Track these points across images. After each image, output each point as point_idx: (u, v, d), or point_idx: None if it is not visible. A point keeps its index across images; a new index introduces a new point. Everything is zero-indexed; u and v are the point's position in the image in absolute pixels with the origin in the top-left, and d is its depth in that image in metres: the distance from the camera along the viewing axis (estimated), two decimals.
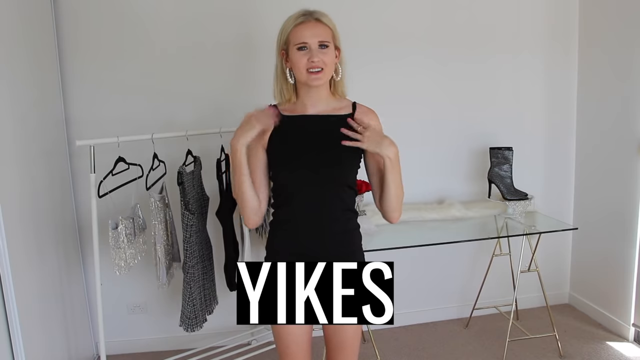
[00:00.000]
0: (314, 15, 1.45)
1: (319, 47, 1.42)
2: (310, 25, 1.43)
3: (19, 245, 1.93)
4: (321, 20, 1.45)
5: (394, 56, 2.71)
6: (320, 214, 1.49)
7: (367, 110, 1.55)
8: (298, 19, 1.44)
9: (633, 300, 2.64)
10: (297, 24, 1.44)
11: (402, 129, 2.73)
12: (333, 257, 1.45)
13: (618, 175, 2.69)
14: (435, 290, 2.97)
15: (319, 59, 1.41)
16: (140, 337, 2.73)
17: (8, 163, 1.90)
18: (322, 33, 1.43)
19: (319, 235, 1.50)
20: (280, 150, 1.49)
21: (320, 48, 1.42)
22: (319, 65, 1.42)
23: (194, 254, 2.17)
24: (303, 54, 1.42)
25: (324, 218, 1.49)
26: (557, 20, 2.88)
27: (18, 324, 1.86)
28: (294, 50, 1.43)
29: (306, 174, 1.47)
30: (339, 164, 1.48)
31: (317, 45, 1.42)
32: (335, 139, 1.46)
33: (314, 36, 1.42)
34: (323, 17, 1.46)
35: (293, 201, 1.50)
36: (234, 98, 2.58)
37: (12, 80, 1.98)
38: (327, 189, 1.48)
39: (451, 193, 2.87)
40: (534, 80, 2.91)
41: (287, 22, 1.47)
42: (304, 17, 1.44)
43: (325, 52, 1.43)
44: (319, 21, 1.44)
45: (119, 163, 2.06)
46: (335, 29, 1.48)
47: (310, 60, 1.41)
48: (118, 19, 2.47)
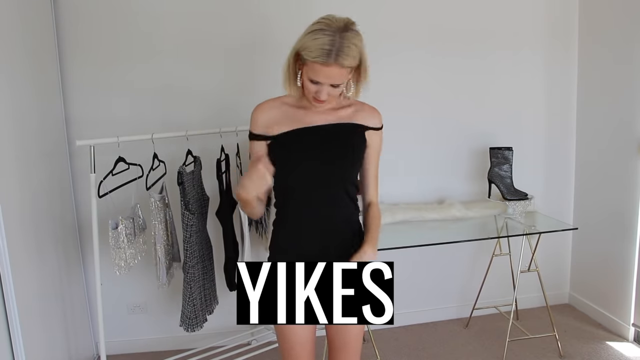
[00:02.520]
0: (339, 59, 1.32)
1: (330, 85, 1.38)
2: (330, 70, 1.34)
3: (19, 245, 1.93)
4: (343, 65, 1.33)
5: (394, 55, 2.70)
6: (323, 213, 1.49)
7: (371, 110, 1.55)
8: (319, 58, 1.32)
9: (633, 300, 2.64)
10: (317, 62, 1.33)
11: (402, 129, 2.75)
12: (335, 257, 1.45)
13: (618, 175, 2.69)
14: (435, 290, 2.97)
15: (326, 96, 1.40)
16: (140, 337, 2.73)
17: (8, 163, 1.90)
18: (338, 78, 1.36)
19: (322, 234, 1.50)
20: (283, 151, 1.49)
21: (332, 86, 1.39)
22: (325, 99, 1.42)
23: (194, 254, 2.17)
24: (314, 85, 1.39)
25: (326, 217, 1.50)
26: (557, 18, 2.87)
27: (18, 323, 1.86)
28: (307, 77, 1.39)
29: (308, 173, 1.47)
30: (341, 161, 1.48)
31: (328, 84, 1.38)
32: (338, 138, 1.47)
33: (329, 80, 1.36)
34: (346, 60, 1.33)
35: (295, 200, 1.50)
36: (234, 98, 2.58)
37: (12, 80, 1.98)
38: (330, 187, 1.48)
39: (451, 193, 2.87)
40: (534, 79, 2.91)
41: (310, 45, 1.34)
42: (326, 59, 1.32)
43: (335, 89, 1.40)
44: (341, 66, 1.33)
45: (119, 163, 2.06)
46: (359, 59, 1.37)
47: (318, 93, 1.40)
48: (118, 19, 2.47)
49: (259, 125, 1.51)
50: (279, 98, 1.54)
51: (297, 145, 1.47)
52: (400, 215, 2.65)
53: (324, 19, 1.37)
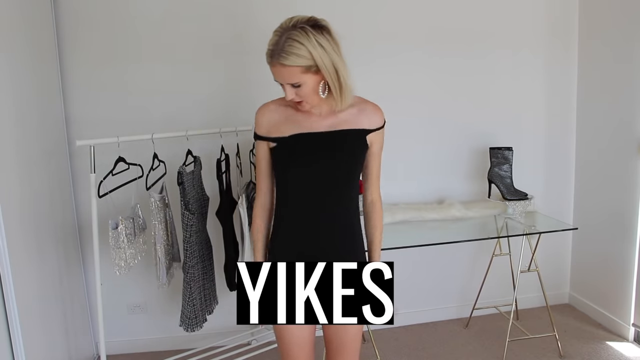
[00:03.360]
0: (279, 58, 1.32)
1: (291, 86, 1.37)
2: (276, 70, 1.35)
3: (19, 245, 1.93)
4: (284, 64, 1.32)
5: (393, 55, 2.70)
6: (321, 218, 1.48)
7: (374, 109, 1.52)
8: (267, 59, 1.36)
9: (633, 300, 2.64)
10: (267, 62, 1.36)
11: (402, 129, 2.75)
12: (335, 256, 1.45)
13: (618, 175, 2.69)
14: (435, 290, 2.97)
15: (292, 96, 1.39)
16: (140, 337, 2.73)
17: (8, 163, 1.90)
18: (287, 76, 1.35)
19: (321, 234, 1.50)
20: (283, 156, 1.48)
21: (293, 87, 1.37)
22: (295, 100, 1.40)
23: (194, 254, 2.17)
24: (283, 87, 1.40)
25: (325, 222, 1.49)
26: (557, 18, 2.88)
27: (18, 324, 1.86)
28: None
29: (308, 180, 1.46)
30: (341, 170, 1.47)
31: (289, 85, 1.37)
32: (338, 146, 1.46)
33: (282, 78, 1.36)
34: (287, 59, 1.31)
35: (294, 205, 1.50)
36: (234, 98, 2.59)
37: (13, 80, 1.98)
38: (329, 193, 1.47)
39: (451, 193, 2.87)
40: (534, 80, 2.91)
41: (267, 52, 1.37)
42: (270, 59, 1.35)
43: (298, 90, 1.37)
44: (283, 65, 1.32)
45: (119, 163, 2.06)
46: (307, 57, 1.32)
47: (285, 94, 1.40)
48: (118, 19, 2.47)
49: (262, 127, 1.51)
50: (282, 99, 1.51)
51: (297, 152, 1.46)
52: (400, 215, 2.65)
53: (285, 19, 1.37)
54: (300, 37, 1.31)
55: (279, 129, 1.48)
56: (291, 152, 1.46)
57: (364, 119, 1.50)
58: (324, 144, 1.45)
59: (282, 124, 1.48)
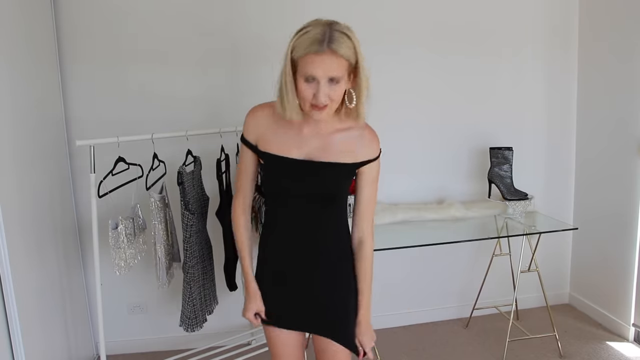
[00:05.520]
0: (332, 45, 1.22)
1: (328, 82, 1.26)
2: (324, 59, 1.23)
3: (19, 245, 1.93)
4: (337, 53, 1.23)
5: (394, 55, 2.70)
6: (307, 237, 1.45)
7: (370, 139, 1.43)
8: (312, 47, 1.22)
9: (633, 300, 2.64)
10: (310, 52, 1.23)
11: (402, 129, 2.75)
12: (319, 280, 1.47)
13: (618, 175, 2.69)
14: (435, 290, 2.97)
15: (325, 97, 1.26)
16: (140, 337, 2.73)
17: (8, 163, 1.90)
18: (335, 68, 1.24)
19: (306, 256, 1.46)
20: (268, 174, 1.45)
21: (330, 83, 1.26)
22: (324, 103, 1.28)
23: (194, 254, 2.17)
24: (309, 85, 1.27)
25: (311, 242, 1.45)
26: (557, 18, 2.88)
27: (18, 323, 1.85)
28: (302, 78, 1.27)
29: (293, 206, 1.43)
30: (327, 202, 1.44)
31: (326, 81, 1.25)
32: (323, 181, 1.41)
33: (325, 72, 1.24)
34: (341, 48, 1.23)
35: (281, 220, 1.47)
36: (234, 98, 2.58)
37: (13, 80, 1.97)
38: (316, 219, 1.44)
39: (451, 193, 2.87)
40: (534, 80, 2.91)
41: (300, 42, 1.25)
42: (318, 47, 1.22)
43: (333, 88, 1.27)
44: (335, 53, 1.23)
45: (119, 163, 2.06)
46: (354, 54, 1.27)
47: (316, 95, 1.27)
48: (118, 19, 2.47)
49: (250, 132, 1.45)
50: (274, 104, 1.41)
51: (282, 176, 1.42)
52: (400, 215, 2.65)
53: (309, 21, 1.29)
54: (349, 32, 1.26)
55: (267, 143, 1.42)
56: (279, 174, 1.42)
57: (357, 148, 1.41)
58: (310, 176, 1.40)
59: (271, 137, 1.42)
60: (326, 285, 1.47)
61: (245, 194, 1.52)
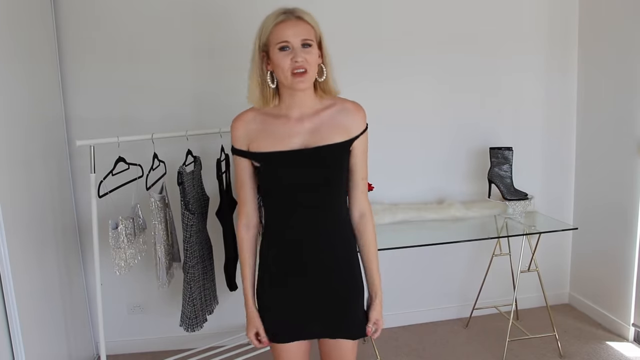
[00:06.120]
0: (295, 13, 1.37)
1: (302, 46, 1.34)
2: (292, 24, 1.34)
3: (19, 245, 1.93)
4: (303, 18, 1.36)
5: (394, 55, 2.70)
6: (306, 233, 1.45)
7: (355, 109, 1.46)
8: (278, 18, 1.36)
9: (633, 300, 2.64)
10: (278, 22, 1.35)
11: (402, 129, 2.75)
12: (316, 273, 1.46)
13: (618, 175, 2.69)
14: (435, 290, 2.97)
15: (302, 58, 1.33)
16: (140, 337, 2.73)
17: (8, 163, 1.90)
18: (304, 32, 1.35)
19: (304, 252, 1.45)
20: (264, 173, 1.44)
21: (304, 47, 1.34)
22: (303, 66, 1.33)
23: (194, 254, 2.17)
24: (285, 54, 1.34)
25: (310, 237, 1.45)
26: (557, 18, 2.87)
27: (18, 324, 1.86)
28: (276, 50, 1.35)
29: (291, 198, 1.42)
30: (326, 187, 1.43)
31: (299, 45, 1.34)
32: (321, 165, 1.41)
33: (296, 35, 1.34)
34: (305, 15, 1.37)
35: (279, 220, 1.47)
36: (234, 98, 2.56)
37: (12, 80, 1.98)
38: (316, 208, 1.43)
39: (451, 193, 2.87)
40: (534, 80, 2.91)
41: (266, 22, 1.39)
42: (284, 16, 1.36)
43: (308, 51, 1.35)
44: (301, 19, 1.36)
45: (119, 163, 2.06)
46: (318, 27, 1.39)
47: (293, 60, 1.33)
48: (118, 19, 2.47)
49: (238, 140, 1.45)
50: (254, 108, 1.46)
51: (278, 170, 1.42)
52: (400, 215, 2.65)
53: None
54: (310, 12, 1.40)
55: (259, 143, 1.42)
56: (274, 169, 1.42)
57: (345, 118, 1.44)
58: (307, 163, 1.40)
59: (261, 136, 1.42)
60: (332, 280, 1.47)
61: (248, 208, 1.50)
